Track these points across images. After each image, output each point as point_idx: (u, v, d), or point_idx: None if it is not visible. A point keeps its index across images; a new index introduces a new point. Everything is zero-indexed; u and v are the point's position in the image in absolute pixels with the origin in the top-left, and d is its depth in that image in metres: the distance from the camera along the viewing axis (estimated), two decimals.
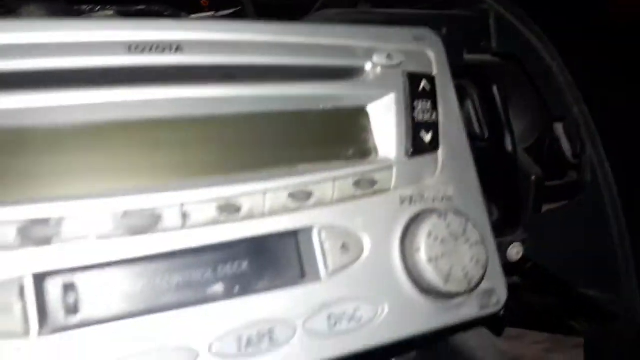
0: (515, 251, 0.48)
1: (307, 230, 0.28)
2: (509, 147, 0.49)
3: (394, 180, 0.31)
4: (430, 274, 0.28)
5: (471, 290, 0.30)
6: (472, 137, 0.37)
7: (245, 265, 0.27)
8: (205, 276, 0.26)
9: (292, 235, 0.28)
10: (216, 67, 0.28)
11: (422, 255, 0.29)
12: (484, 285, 0.31)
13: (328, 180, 0.28)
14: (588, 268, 0.48)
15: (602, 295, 0.48)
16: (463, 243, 0.29)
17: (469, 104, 0.50)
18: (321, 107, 0.31)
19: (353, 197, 0.29)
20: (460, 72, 0.38)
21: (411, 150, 0.31)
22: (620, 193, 0.46)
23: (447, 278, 0.29)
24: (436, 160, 0.32)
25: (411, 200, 0.31)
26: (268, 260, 0.28)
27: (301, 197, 0.28)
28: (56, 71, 0.25)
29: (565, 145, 0.51)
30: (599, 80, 0.53)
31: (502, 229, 0.44)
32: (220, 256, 0.27)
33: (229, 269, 0.27)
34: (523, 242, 0.47)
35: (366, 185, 0.30)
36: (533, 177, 0.48)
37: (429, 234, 0.29)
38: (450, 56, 0.35)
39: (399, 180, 0.31)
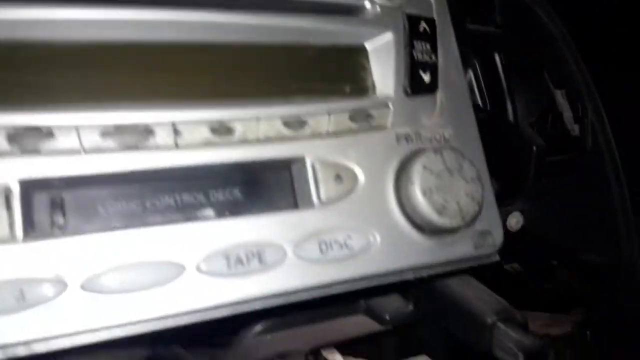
0: (515, 220, 0.47)
1: (301, 160, 0.28)
2: (511, 118, 0.49)
3: (391, 118, 0.30)
4: (424, 206, 0.28)
5: (466, 225, 0.29)
6: (474, 108, 0.37)
7: (237, 190, 0.27)
8: (197, 197, 0.26)
9: (286, 164, 0.28)
10: None
11: (416, 188, 0.28)
12: (479, 225, 0.31)
13: (323, 112, 0.28)
14: (588, 234, 0.48)
15: (602, 259, 0.47)
16: (458, 178, 0.29)
17: (470, 74, 0.50)
18: (320, 41, 0.30)
19: (349, 131, 0.29)
20: (462, 41, 0.38)
21: (409, 89, 0.31)
22: (621, 157, 0.46)
23: (440, 211, 0.28)
24: (434, 101, 0.32)
25: (408, 138, 0.31)
26: (261, 187, 0.28)
27: (295, 126, 0.27)
28: None
29: (567, 113, 0.51)
30: (600, 49, 0.52)
31: (502, 199, 0.44)
32: (213, 180, 0.27)
33: (221, 193, 0.27)
34: (523, 212, 0.47)
35: (362, 120, 0.29)
36: (535, 148, 0.47)
37: (424, 167, 0.29)
38: (453, 25, 0.35)
39: (396, 118, 0.30)
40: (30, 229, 0.23)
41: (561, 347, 0.40)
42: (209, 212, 0.26)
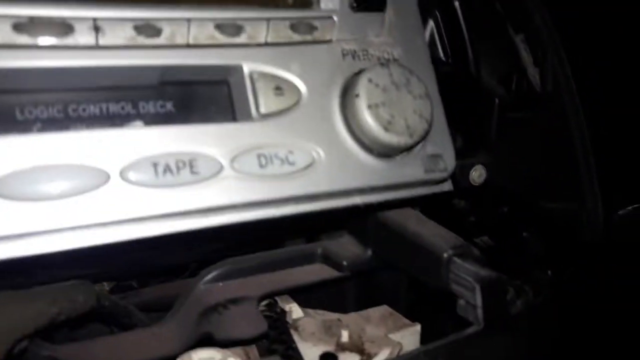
0: (477, 174, 0.46)
1: (238, 69, 0.26)
2: (473, 70, 0.48)
3: (335, 32, 0.29)
4: (370, 121, 0.27)
5: (414, 144, 0.28)
6: (435, 61, 0.36)
7: (169, 101, 0.25)
8: (126, 107, 0.24)
9: (222, 72, 0.26)
10: None
11: (361, 102, 0.27)
12: (429, 148, 0.30)
13: (262, 19, 0.27)
14: (551, 182, 0.47)
15: (566, 207, 0.47)
16: (406, 93, 0.28)
17: (431, 24, 0.49)
18: None
19: (290, 42, 0.27)
20: None
21: (355, 3, 0.30)
22: (582, 101, 0.45)
23: (386, 127, 0.27)
24: (382, 19, 0.31)
25: (354, 55, 0.29)
26: (195, 98, 0.26)
27: (230, 32, 0.26)
28: None
29: (531, 69, 0.50)
30: None
31: (464, 152, 0.43)
32: (142, 90, 0.25)
33: (151, 104, 0.25)
34: (485, 166, 0.46)
35: (305, 32, 0.28)
36: (497, 101, 0.47)
37: (369, 80, 0.27)
38: None
39: (342, 33, 0.29)
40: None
41: (520, 284, 0.39)
42: (138, 122, 0.24)
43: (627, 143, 0.48)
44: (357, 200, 0.29)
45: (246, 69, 0.26)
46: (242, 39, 0.26)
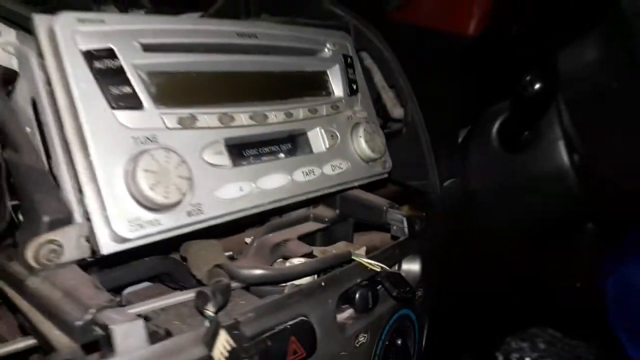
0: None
1: (309, 127, 0.58)
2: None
3: (343, 107, 0.62)
4: (363, 147, 0.61)
5: (380, 157, 0.63)
6: None
7: (281, 146, 0.56)
8: (262, 149, 0.54)
9: (302, 131, 0.57)
10: (259, 46, 0.56)
11: (361, 141, 0.61)
12: (384, 157, 0.65)
13: (314, 105, 0.59)
14: (413, 170, 0.87)
15: (421, 183, 0.87)
16: (378, 133, 0.63)
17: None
18: (307, 69, 0.61)
19: (327, 114, 0.60)
20: None
21: (348, 92, 0.63)
22: (427, 125, 0.86)
23: (373, 149, 0.62)
24: (358, 98, 0.65)
25: (350, 117, 0.63)
26: (294, 144, 0.57)
27: (293, 116, 0.57)
28: (200, 43, 0.50)
29: (389, 104, 0.89)
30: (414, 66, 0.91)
31: None
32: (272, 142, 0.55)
33: (280, 146, 0.55)
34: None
35: (331, 109, 0.61)
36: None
37: (364, 130, 0.62)
38: None
39: (345, 107, 0.63)
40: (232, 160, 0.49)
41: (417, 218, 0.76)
42: (282, 154, 0.55)
43: (449, 145, 0.90)
44: (354, 184, 0.63)
45: (310, 128, 0.58)
46: (301, 115, 0.58)
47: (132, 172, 0.41)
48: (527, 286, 1.08)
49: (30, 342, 0.46)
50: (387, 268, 0.58)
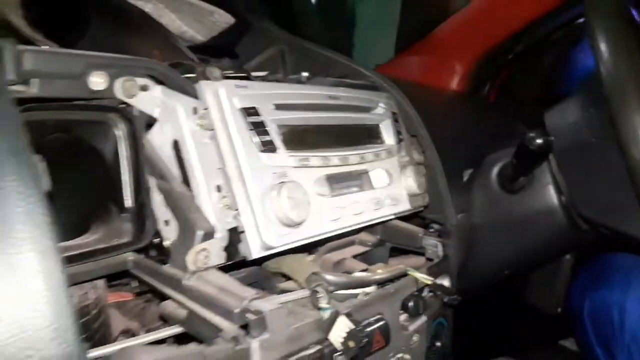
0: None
1: (370, 168, 0.74)
2: None
3: (394, 152, 0.79)
4: (412, 182, 0.77)
5: (423, 192, 0.80)
6: None
7: (354, 182, 0.72)
8: (345, 183, 0.70)
9: (365, 172, 0.73)
10: (340, 105, 0.72)
11: (410, 180, 0.77)
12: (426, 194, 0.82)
13: (376, 151, 0.75)
14: (432, 205, 1.03)
15: (439, 216, 1.03)
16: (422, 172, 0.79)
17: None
18: (364, 123, 0.77)
19: (383, 159, 0.76)
20: None
21: (397, 141, 0.80)
22: (442, 162, 1.03)
23: (420, 185, 0.78)
24: (402, 146, 0.82)
25: (399, 161, 0.79)
26: (360, 181, 0.72)
27: (364, 159, 0.73)
28: (308, 104, 0.66)
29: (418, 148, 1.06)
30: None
31: None
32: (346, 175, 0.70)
33: (352, 182, 0.71)
34: None
35: (386, 155, 0.77)
36: None
37: (413, 172, 0.78)
38: None
39: (396, 153, 0.79)
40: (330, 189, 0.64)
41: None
42: (356, 187, 0.70)
43: (458, 185, 1.08)
44: (405, 212, 0.78)
45: (372, 170, 0.74)
46: (369, 159, 0.74)
47: (277, 198, 0.56)
48: (518, 309, 1.25)
49: (176, 330, 0.59)
50: (437, 281, 0.73)
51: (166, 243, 0.64)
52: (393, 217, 0.77)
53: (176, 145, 0.63)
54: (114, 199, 0.61)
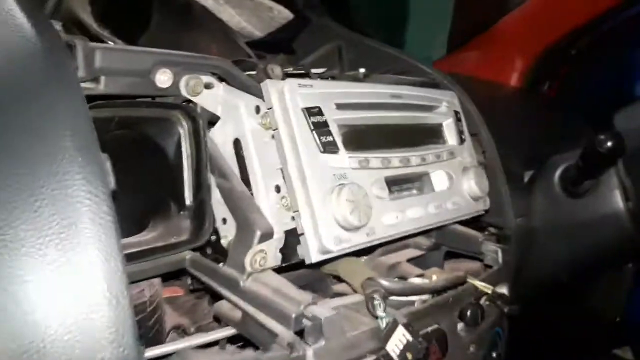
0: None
1: (431, 170, 0.71)
2: None
3: (456, 153, 0.76)
4: (474, 185, 0.74)
5: (484, 196, 0.77)
6: None
7: (414, 184, 0.69)
8: (405, 185, 0.68)
9: (426, 173, 0.71)
10: (402, 104, 0.70)
11: (472, 183, 0.74)
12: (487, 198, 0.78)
13: (438, 152, 0.72)
14: (491, 209, 0.99)
15: (497, 220, 0.99)
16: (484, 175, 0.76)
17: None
18: (428, 122, 0.75)
19: (445, 160, 0.74)
20: None
21: (459, 141, 0.77)
22: (507, 166, 0.98)
23: (483, 189, 0.75)
24: (465, 146, 0.79)
25: (461, 162, 0.77)
26: (420, 183, 0.70)
27: (425, 160, 0.70)
28: (369, 103, 0.64)
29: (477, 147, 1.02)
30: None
31: None
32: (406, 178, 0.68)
33: (412, 184, 0.69)
34: None
35: (448, 156, 0.74)
36: None
37: (475, 173, 0.75)
38: None
39: (458, 154, 0.76)
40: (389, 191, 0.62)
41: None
42: (415, 190, 0.68)
43: (518, 187, 1.04)
44: (466, 217, 0.76)
45: (433, 171, 0.71)
46: (433, 159, 0.71)
47: (337, 201, 0.54)
48: (576, 317, 1.19)
49: (230, 331, 0.59)
50: (497, 290, 0.70)
51: (223, 241, 0.65)
52: (458, 220, 0.75)
53: (237, 144, 0.63)
54: (175, 197, 0.62)
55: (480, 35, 1.76)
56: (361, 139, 0.62)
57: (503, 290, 0.81)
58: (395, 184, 0.65)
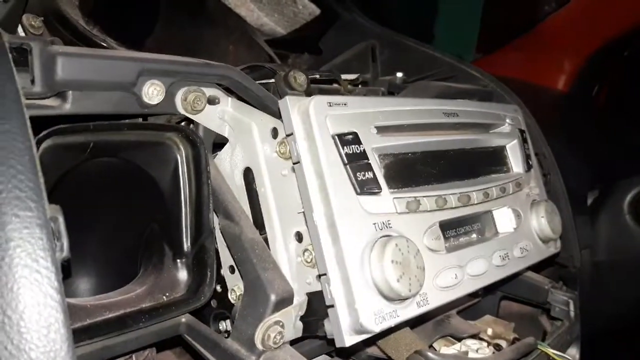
0: None
1: (494, 206, 0.56)
2: None
3: (524, 184, 0.61)
4: (545, 225, 0.59)
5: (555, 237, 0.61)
6: None
7: (473, 226, 0.54)
8: (462, 230, 0.53)
9: (488, 212, 0.55)
10: (458, 123, 0.55)
11: (543, 220, 0.59)
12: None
13: (503, 183, 0.57)
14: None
15: (563, 256, 0.83)
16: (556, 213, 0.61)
17: None
18: (489, 145, 0.59)
19: (511, 194, 0.58)
20: None
21: (526, 168, 0.62)
22: (567, 188, 0.82)
23: (553, 230, 0.59)
24: (533, 174, 0.63)
25: (528, 195, 0.61)
26: (481, 225, 0.55)
27: (488, 195, 0.55)
28: (418, 124, 0.50)
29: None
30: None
31: None
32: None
33: (474, 226, 0.54)
34: None
35: (515, 187, 0.59)
36: None
37: (545, 210, 0.59)
38: None
39: (525, 184, 0.61)
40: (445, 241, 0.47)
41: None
42: (475, 235, 0.53)
43: (582, 214, 0.87)
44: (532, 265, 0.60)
45: (501, 208, 0.56)
46: (497, 193, 0.56)
47: (378, 262, 0.40)
48: None
49: None
50: (567, 356, 0.55)
51: (232, 296, 0.51)
52: (524, 270, 0.60)
53: (248, 174, 0.49)
54: (169, 241, 0.49)
55: (523, 36, 1.60)
56: (408, 172, 0.48)
57: (574, 351, 0.66)
58: (452, 229, 0.50)
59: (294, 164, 0.43)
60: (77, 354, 0.40)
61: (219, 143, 0.52)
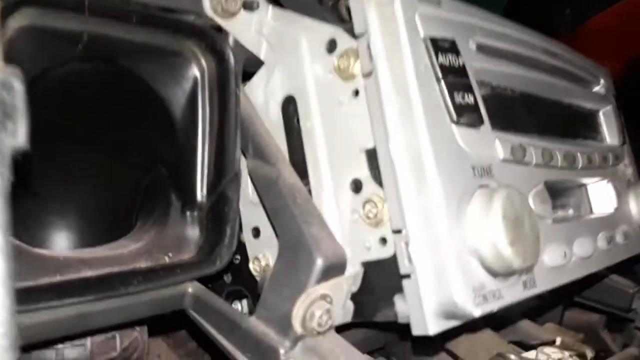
0: None
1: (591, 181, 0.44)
2: None
3: (620, 159, 0.48)
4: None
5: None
6: None
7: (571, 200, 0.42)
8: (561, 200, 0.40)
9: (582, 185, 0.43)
10: (556, 67, 0.43)
11: None
12: None
13: (604, 153, 0.45)
14: None
15: None
16: None
17: None
18: (580, 106, 0.47)
19: (610, 166, 0.46)
20: None
21: (622, 140, 0.50)
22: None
23: None
24: (626, 150, 0.51)
25: (624, 172, 0.49)
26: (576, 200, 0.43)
27: (590, 160, 0.43)
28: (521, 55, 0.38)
29: None
30: None
31: None
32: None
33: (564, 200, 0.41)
34: None
35: (615, 160, 0.47)
36: None
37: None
38: None
39: (620, 159, 0.49)
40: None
41: None
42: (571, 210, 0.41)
43: None
44: None
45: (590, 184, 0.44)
46: (596, 161, 0.44)
47: (484, 218, 0.28)
48: None
49: None
50: None
51: (254, 267, 0.38)
52: (617, 262, 0.47)
53: (289, 105, 0.37)
54: (178, 186, 0.36)
55: (569, 34, 1.50)
56: (509, 111, 0.35)
57: None
58: (556, 193, 0.38)
59: (364, 76, 0.30)
60: (37, 319, 0.28)
61: (248, 72, 0.40)
